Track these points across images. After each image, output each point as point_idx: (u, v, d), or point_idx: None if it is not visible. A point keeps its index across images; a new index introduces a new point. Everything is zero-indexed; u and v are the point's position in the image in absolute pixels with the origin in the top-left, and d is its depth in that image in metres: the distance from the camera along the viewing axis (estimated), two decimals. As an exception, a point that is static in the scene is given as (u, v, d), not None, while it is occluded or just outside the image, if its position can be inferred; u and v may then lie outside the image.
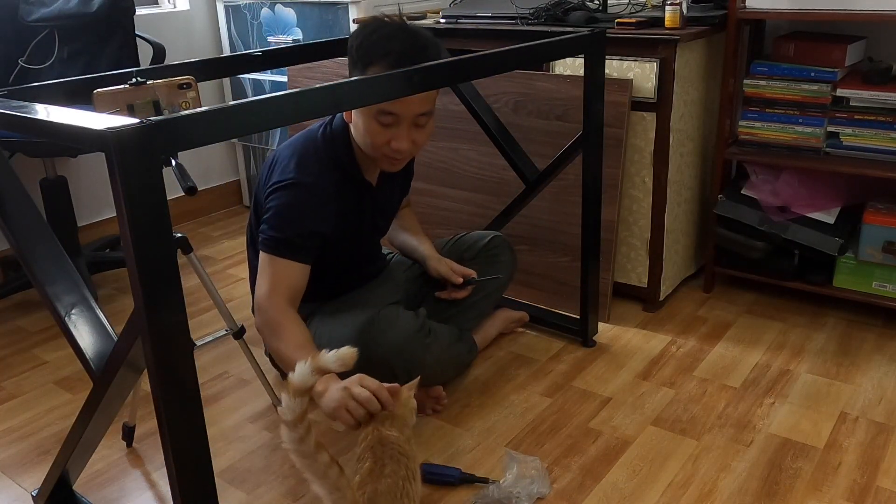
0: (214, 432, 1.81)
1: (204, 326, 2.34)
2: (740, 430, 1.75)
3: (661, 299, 2.32)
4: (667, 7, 2.03)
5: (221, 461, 1.71)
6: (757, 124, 2.22)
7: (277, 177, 1.67)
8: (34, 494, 1.59)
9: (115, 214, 1.03)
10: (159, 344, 1.07)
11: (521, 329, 2.24)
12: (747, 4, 2.09)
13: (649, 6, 2.32)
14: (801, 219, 2.23)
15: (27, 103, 1.25)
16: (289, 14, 2.89)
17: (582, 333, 2.14)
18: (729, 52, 2.16)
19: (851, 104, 2.09)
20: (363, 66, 1.61)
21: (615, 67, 2.12)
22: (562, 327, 2.20)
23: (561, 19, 2.24)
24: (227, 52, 3.14)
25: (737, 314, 2.29)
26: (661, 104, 2.09)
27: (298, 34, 2.88)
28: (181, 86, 1.45)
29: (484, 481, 1.59)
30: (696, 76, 2.21)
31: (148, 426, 1.84)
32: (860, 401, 1.84)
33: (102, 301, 2.54)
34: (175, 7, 3.14)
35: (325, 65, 2.67)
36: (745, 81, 2.22)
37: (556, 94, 2.21)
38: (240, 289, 2.58)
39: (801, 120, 2.15)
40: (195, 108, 1.40)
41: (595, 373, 2.00)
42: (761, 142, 2.23)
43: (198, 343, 1.65)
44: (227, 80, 3.21)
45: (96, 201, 3.00)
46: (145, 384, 1.17)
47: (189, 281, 2.41)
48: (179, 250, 1.51)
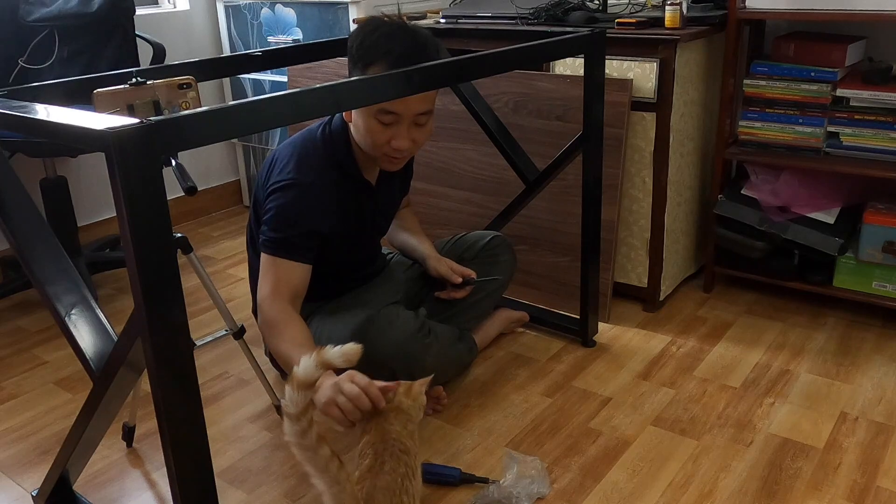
0: (214, 432, 1.81)
1: (204, 326, 2.34)
2: (740, 430, 1.75)
3: (661, 299, 2.32)
4: (667, 7, 2.03)
5: (221, 461, 1.71)
6: (757, 124, 2.22)
7: (276, 177, 1.67)
8: (34, 494, 1.59)
9: (115, 214, 1.03)
10: (159, 344, 1.07)
11: (521, 329, 2.24)
12: (747, 4, 2.09)
13: (649, 6, 2.32)
14: (801, 219, 2.23)
15: (27, 103, 1.26)
16: (289, 14, 2.89)
17: (582, 333, 2.14)
18: (729, 52, 2.16)
19: (851, 104, 2.09)
20: (363, 66, 1.61)
21: (615, 67, 2.12)
22: (562, 327, 2.20)
23: (561, 19, 2.24)
24: (227, 52, 3.14)
25: (737, 314, 2.29)
26: (661, 104, 2.09)
27: (298, 34, 2.88)
28: (181, 86, 1.45)
29: (484, 481, 1.59)
30: (696, 76, 2.21)
31: (148, 426, 1.84)
32: (860, 401, 1.84)
33: (102, 301, 2.54)
34: (175, 7, 3.14)
35: (325, 65, 2.67)
36: (745, 81, 2.22)
37: (556, 94, 2.21)
38: (240, 289, 2.58)
39: (801, 120, 2.15)
40: (195, 108, 1.40)
41: (595, 373, 2.00)
42: (761, 142, 2.23)
43: (198, 343, 1.65)
44: (227, 80, 3.21)
45: (96, 201, 3.00)
46: (145, 384, 1.17)
47: (189, 281, 2.41)
48: (179, 250, 1.51)
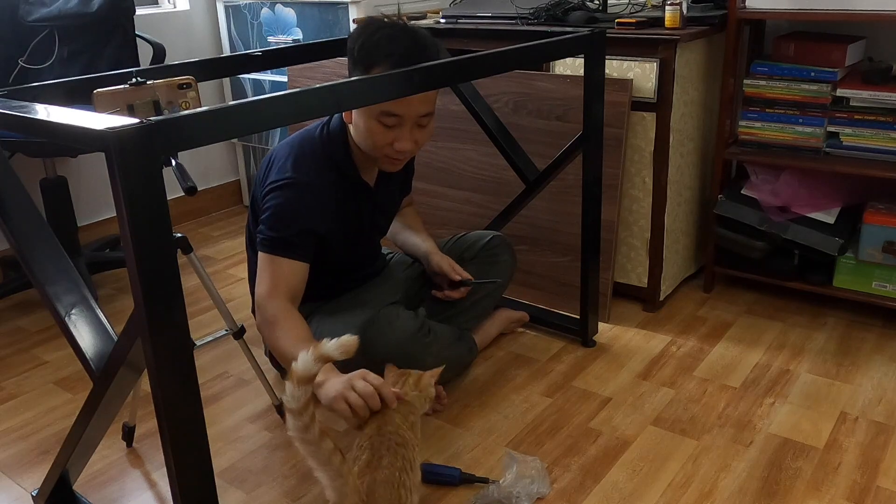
0: (214, 432, 1.81)
1: (204, 326, 2.34)
2: (740, 430, 1.75)
3: (661, 299, 2.32)
4: (667, 7, 2.03)
5: (221, 461, 1.71)
6: (757, 124, 2.22)
7: (274, 176, 1.67)
8: (34, 494, 1.59)
9: (115, 214, 1.03)
10: (159, 344, 1.07)
11: (521, 329, 2.24)
12: (747, 4, 2.09)
13: (649, 6, 2.32)
14: (801, 219, 2.23)
15: (27, 103, 1.26)
16: (289, 14, 2.89)
17: (582, 333, 2.14)
18: (729, 52, 2.16)
19: (851, 104, 2.09)
20: (365, 67, 1.60)
21: (615, 67, 2.12)
22: (562, 327, 2.20)
23: (561, 19, 2.24)
24: (227, 52, 3.14)
25: (737, 314, 2.29)
26: (661, 104, 2.09)
27: (298, 34, 2.88)
28: (181, 86, 1.45)
29: (484, 481, 1.59)
30: (696, 76, 2.21)
31: (148, 426, 1.84)
32: (860, 401, 1.84)
33: (102, 301, 2.54)
34: (175, 7, 3.14)
35: (325, 65, 2.67)
36: (746, 81, 2.22)
37: (556, 94, 2.21)
38: (240, 289, 2.58)
39: (801, 120, 2.15)
40: (195, 108, 1.40)
41: (595, 373, 2.00)
42: (761, 142, 2.23)
43: (198, 343, 1.65)
44: (227, 80, 3.21)
45: (96, 201, 3.00)
46: (145, 384, 1.17)
47: (189, 281, 2.41)
48: (179, 250, 1.51)
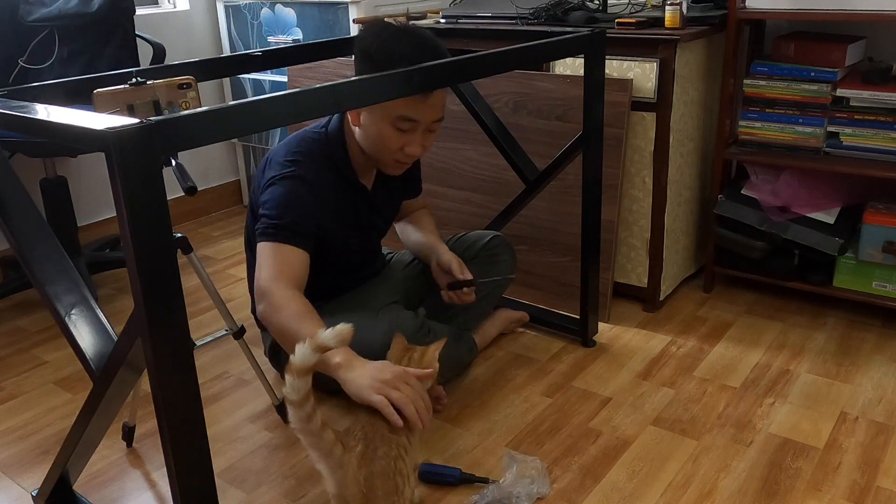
0: (214, 432, 1.81)
1: (204, 326, 2.34)
2: (740, 430, 1.75)
3: (661, 299, 2.32)
4: (667, 7, 2.03)
5: (221, 461, 1.71)
6: (757, 124, 2.22)
7: (276, 170, 1.67)
8: (34, 494, 1.59)
9: (115, 214, 1.03)
10: (159, 344, 1.07)
11: (522, 329, 2.24)
12: (747, 4, 2.09)
13: (649, 6, 2.32)
14: (801, 219, 2.23)
15: (27, 103, 1.26)
16: (289, 14, 2.89)
17: (582, 333, 2.14)
18: (729, 52, 2.16)
19: (851, 104, 2.09)
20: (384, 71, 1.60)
21: (615, 67, 2.12)
22: (562, 327, 2.20)
23: (561, 19, 2.24)
24: (227, 52, 3.14)
25: (737, 314, 2.29)
26: (661, 104, 2.09)
27: (298, 34, 2.89)
28: (181, 86, 1.45)
29: (484, 481, 1.59)
30: (696, 76, 2.21)
31: (148, 426, 1.84)
32: (860, 401, 1.84)
33: (102, 301, 2.54)
34: (175, 7, 3.14)
35: (325, 65, 2.67)
36: (745, 81, 2.22)
37: (556, 94, 2.21)
38: (240, 289, 2.58)
39: (801, 120, 2.15)
40: (195, 108, 1.40)
41: (595, 373, 2.00)
42: (761, 142, 2.23)
43: (198, 343, 1.65)
44: (227, 80, 3.21)
45: (96, 201, 3.00)
46: (145, 384, 1.17)
47: (189, 281, 2.41)
48: (179, 250, 1.51)
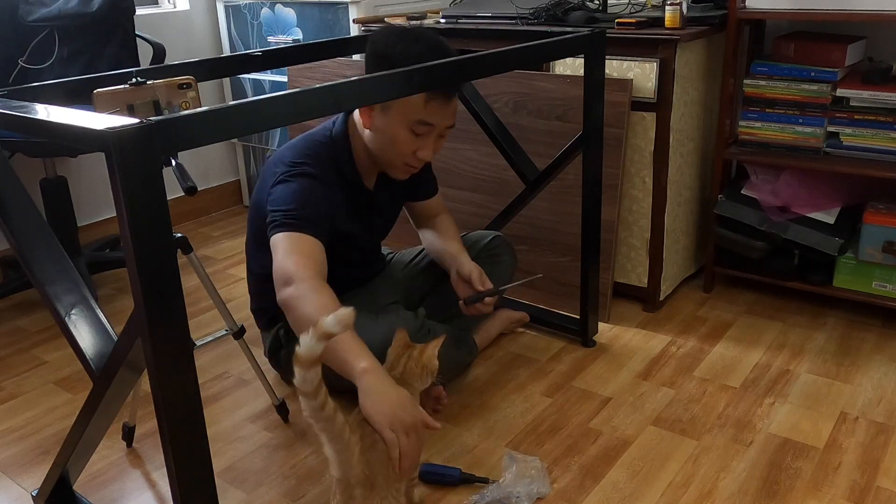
0: (214, 432, 1.81)
1: (204, 326, 2.34)
2: (740, 430, 1.75)
3: (661, 299, 2.32)
4: (667, 7, 2.03)
5: (221, 461, 1.71)
6: (757, 124, 2.22)
7: (288, 168, 1.67)
8: (34, 494, 1.59)
9: (115, 214, 1.03)
10: (159, 344, 1.07)
11: (522, 329, 2.24)
12: (747, 4, 2.09)
13: (649, 6, 2.32)
14: (801, 219, 2.23)
15: (27, 103, 1.26)
16: (289, 14, 2.89)
17: (582, 333, 2.14)
18: (729, 52, 2.16)
19: (851, 104, 2.09)
20: None
21: (615, 67, 2.12)
22: (562, 327, 2.20)
23: (561, 19, 2.24)
24: (227, 52, 3.14)
25: (737, 314, 2.29)
26: (661, 104, 2.09)
27: (298, 34, 2.89)
28: (181, 86, 1.45)
29: (484, 481, 1.59)
30: (696, 76, 2.21)
31: (148, 426, 1.84)
32: (860, 401, 1.84)
33: (102, 301, 2.54)
34: (175, 7, 3.14)
35: (325, 65, 2.67)
36: (746, 81, 2.22)
37: (556, 94, 2.21)
38: (240, 289, 2.58)
39: (801, 120, 2.15)
40: (195, 108, 1.40)
41: (595, 373, 2.00)
42: (761, 142, 2.23)
43: (198, 343, 1.65)
44: (227, 80, 3.21)
45: (96, 201, 3.00)
46: (145, 384, 1.17)
47: (189, 281, 2.41)
48: (179, 250, 1.51)
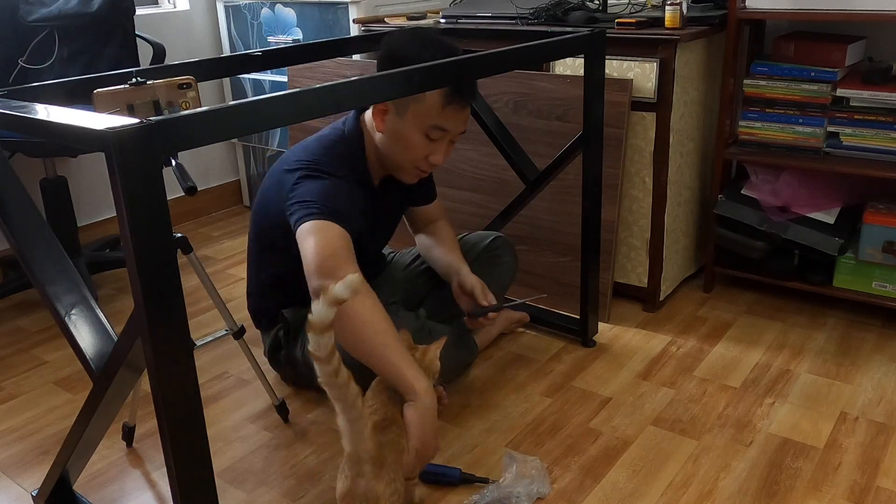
0: (214, 432, 1.81)
1: (204, 326, 2.34)
2: (740, 430, 1.75)
3: (661, 299, 2.32)
4: (667, 7, 2.03)
5: (221, 461, 1.71)
6: (757, 124, 2.22)
7: (309, 166, 1.66)
8: (34, 494, 1.59)
9: (115, 214, 1.03)
10: (159, 344, 1.07)
11: (522, 329, 2.24)
12: (747, 4, 2.09)
13: (649, 6, 2.32)
14: (801, 219, 2.23)
15: (27, 103, 1.26)
16: (289, 14, 2.89)
17: (582, 333, 2.14)
18: (729, 52, 2.16)
19: (851, 104, 2.09)
20: None
21: (615, 67, 2.12)
22: (562, 327, 2.20)
23: (561, 19, 2.24)
24: (227, 52, 3.14)
25: (737, 314, 2.29)
26: (661, 104, 2.09)
27: (298, 34, 2.88)
28: (181, 86, 1.45)
29: (484, 481, 1.59)
30: (696, 76, 2.21)
31: (148, 426, 1.84)
32: (860, 401, 1.84)
33: (102, 301, 2.54)
34: (175, 7, 3.14)
35: (325, 65, 2.67)
36: (746, 81, 2.22)
37: (556, 94, 2.21)
38: (240, 289, 2.57)
39: (801, 120, 2.15)
40: (195, 108, 1.40)
41: (595, 373, 2.00)
42: (761, 142, 2.23)
43: (198, 343, 1.65)
44: (227, 80, 3.21)
45: (96, 201, 3.00)
46: (145, 384, 1.17)
47: (189, 281, 2.41)
48: (179, 250, 1.51)
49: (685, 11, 2.05)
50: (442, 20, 2.46)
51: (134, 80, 1.41)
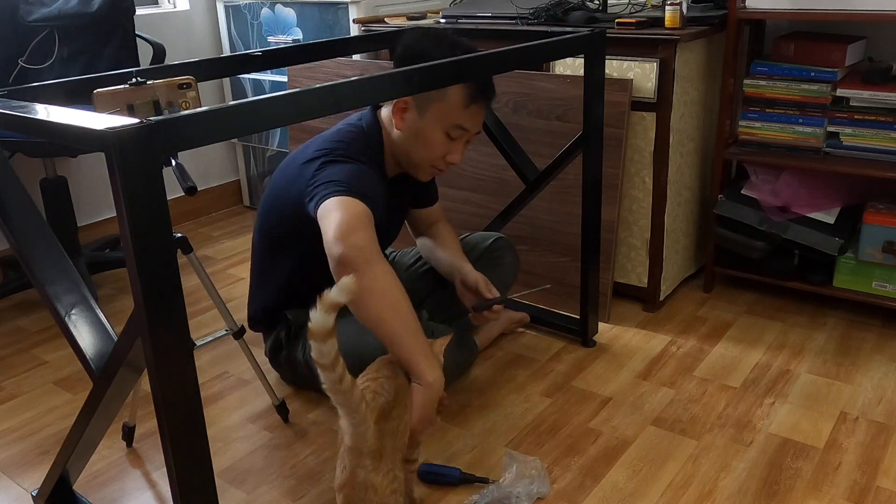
0: (214, 432, 1.81)
1: (204, 326, 2.34)
2: (740, 430, 1.75)
3: (661, 299, 2.32)
4: (667, 7, 2.03)
5: (221, 461, 1.71)
6: (757, 124, 2.22)
7: (331, 152, 1.63)
8: (34, 494, 1.59)
9: (115, 214, 1.03)
10: (159, 344, 1.07)
11: (522, 329, 2.24)
12: (747, 4, 2.09)
13: (649, 6, 2.32)
14: (801, 219, 2.23)
15: (27, 103, 1.26)
16: (289, 14, 2.89)
17: (582, 333, 2.14)
18: (729, 52, 2.16)
19: (851, 104, 2.09)
20: None
21: (615, 67, 2.12)
22: (562, 327, 2.20)
23: (561, 19, 2.24)
24: (227, 52, 3.14)
25: (737, 314, 2.29)
26: (661, 104, 2.09)
27: (298, 34, 2.89)
28: (181, 86, 1.45)
29: (484, 481, 1.59)
30: (696, 76, 2.21)
31: (148, 426, 1.84)
32: (860, 401, 1.84)
33: (102, 301, 2.54)
34: (175, 7, 3.14)
35: (325, 65, 2.67)
36: (745, 81, 2.22)
37: (556, 94, 2.21)
38: (240, 289, 2.58)
39: (801, 120, 2.15)
40: (195, 108, 1.40)
41: (595, 373, 2.00)
42: (761, 142, 2.23)
43: (198, 343, 1.65)
44: (227, 80, 3.21)
45: (96, 201, 3.00)
46: (145, 384, 1.17)
47: (189, 281, 2.41)
48: (179, 250, 1.51)
49: (685, 11, 2.05)
50: (442, 20, 2.46)
51: (134, 80, 1.41)
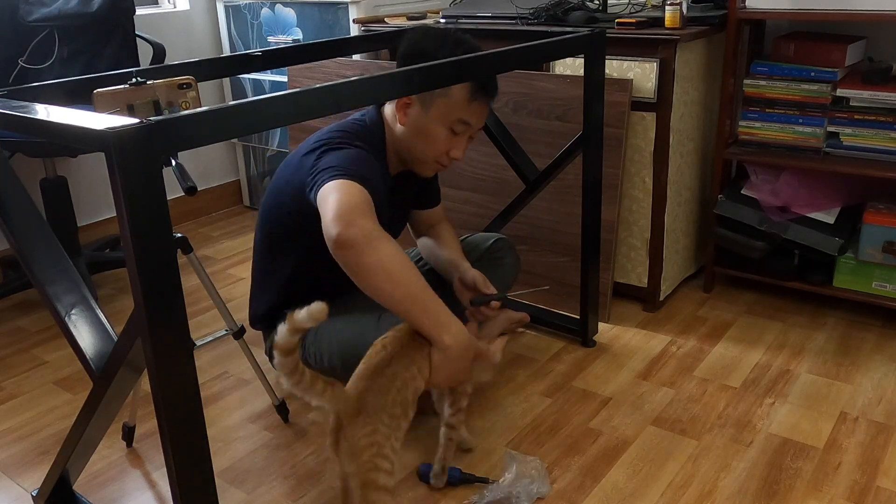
0: (214, 432, 1.81)
1: (204, 326, 2.34)
2: (740, 430, 1.75)
3: (661, 299, 2.32)
4: (667, 7, 2.03)
5: (221, 461, 1.71)
6: (757, 124, 2.22)
7: (333, 143, 1.63)
8: (34, 494, 1.59)
9: (115, 214, 1.03)
10: (159, 344, 1.07)
11: (522, 329, 2.24)
12: (747, 4, 2.09)
13: (649, 6, 2.32)
14: (801, 219, 2.23)
15: (27, 103, 1.25)
16: (289, 14, 2.89)
17: (582, 333, 2.14)
18: (729, 52, 2.16)
19: (851, 104, 2.10)
20: None
21: (615, 67, 2.12)
22: (562, 327, 2.20)
23: (561, 19, 2.24)
24: (227, 52, 3.14)
25: (737, 314, 2.29)
26: (661, 104, 2.09)
27: (298, 34, 2.89)
28: (181, 86, 1.45)
29: (484, 481, 1.59)
30: (696, 76, 2.21)
31: (148, 426, 1.84)
32: (860, 401, 1.84)
33: (102, 301, 2.54)
34: (175, 7, 3.14)
35: (325, 65, 2.67)
36: (745, 81, 2.22)
37: (556, 94, 2.21)
38: (240, 289, 2.58)
39: (801, 120, 2.15)
40: (195, 108, 1.40)
41: (595, 373, 2.00)
42: (761, 142, 2.23)
43: (198, 343, 1.65)
44: (227, 80, 3.21)
45: (96, 201, 3.00)
46: (145, 384, 1.17)
47: (189, 281, 2.41)
48: (179, 250, 1.51)
49: (685, 11, 2.05)
50: (442, 20, 2.46)
51: (134, 80, 1.41)
